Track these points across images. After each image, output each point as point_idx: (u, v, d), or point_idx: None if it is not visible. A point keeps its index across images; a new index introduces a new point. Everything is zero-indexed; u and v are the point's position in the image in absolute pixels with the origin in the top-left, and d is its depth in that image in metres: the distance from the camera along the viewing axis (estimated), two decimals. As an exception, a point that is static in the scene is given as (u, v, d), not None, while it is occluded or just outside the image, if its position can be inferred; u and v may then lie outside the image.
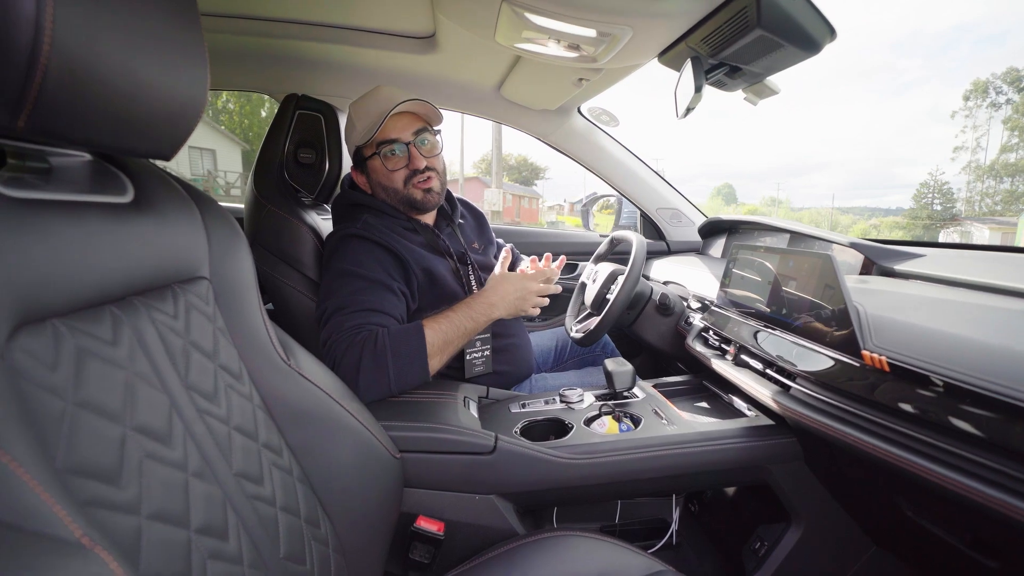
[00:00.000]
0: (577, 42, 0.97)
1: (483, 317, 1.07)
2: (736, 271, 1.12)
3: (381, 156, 1.12)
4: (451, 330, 1.03)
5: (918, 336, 0.69)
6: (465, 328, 1.05)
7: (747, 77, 0.99)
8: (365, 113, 1.12)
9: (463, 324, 1.05)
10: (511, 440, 0.91)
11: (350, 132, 1.16)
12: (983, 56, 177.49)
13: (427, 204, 1.18)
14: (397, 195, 1.16)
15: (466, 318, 1.05)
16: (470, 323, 1.06)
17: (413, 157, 1.14)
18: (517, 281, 1.12)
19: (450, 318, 1.04)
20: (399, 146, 1.12)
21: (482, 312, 1.08)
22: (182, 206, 0.62)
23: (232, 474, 0.55)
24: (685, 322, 1.36)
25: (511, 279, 1.12)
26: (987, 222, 34.59)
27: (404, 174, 1.14)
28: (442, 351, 1.02)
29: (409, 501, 0.89)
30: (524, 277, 1.13)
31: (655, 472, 0.93)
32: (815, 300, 0.85)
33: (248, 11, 1.20)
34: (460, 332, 1.04)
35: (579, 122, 1.69)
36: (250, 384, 0.65)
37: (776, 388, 0.91)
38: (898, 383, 0.68)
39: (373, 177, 1.17)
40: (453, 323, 1.03)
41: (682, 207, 1.84)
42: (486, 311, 1.08)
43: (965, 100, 44.77)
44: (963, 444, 0.60)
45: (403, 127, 1.12)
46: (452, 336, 1.03)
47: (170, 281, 0.57)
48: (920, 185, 43.54)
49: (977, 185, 43.70)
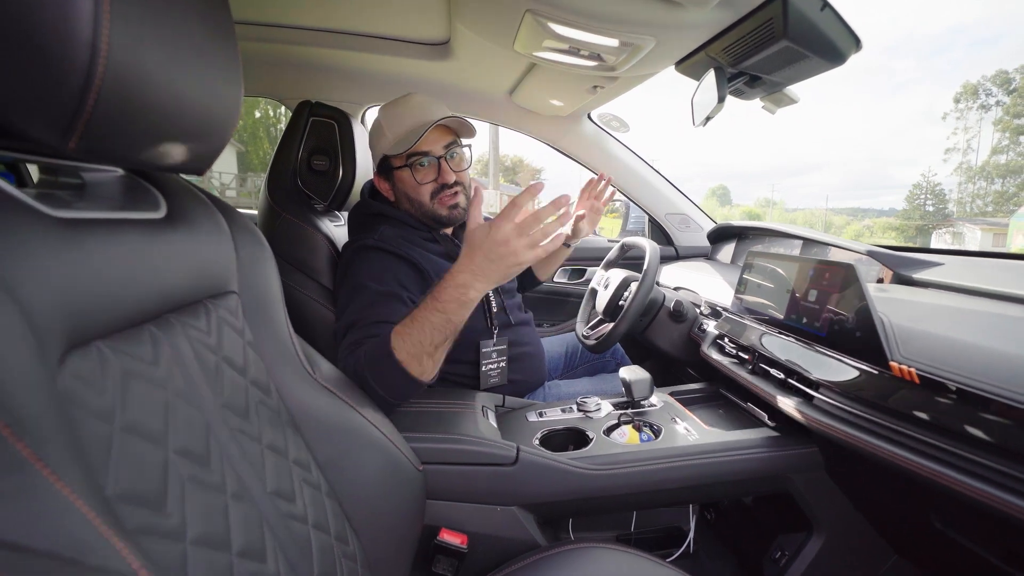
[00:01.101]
0: (599, 51, 0.97)
1: (454, 304, 0.84)
2: (751, 278, 1.12)
3: (412, 168, 1.11)
4: (416, 330, 0.86)
5: (946, 347, 0.69)
6: (433, 322, 0.85)
7: (767, 86, 0.99)
8: (397, 121, 1.11)
9: (429, 320, 0.85)
10: (533, 451, 0.90)
11: (378, 138, 1.14)
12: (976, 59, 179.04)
13: (452, 220, 1.17)
14: (422, 208, 1.15)
15: (432, 312, 0.85)
16: (438, 316, 0.85)
17: (443, 171, 1.13)
18: (483, 242, 0.81)
19: (414, 317, 0.87)
20: (429, 159, 1.11)
21: (451, 299, 0.84)
22: (212, 220, 0.61)
23: (267, 493, 0.54)
24: (698, 329, 1.36)
25: (474, 244, 0.82)
26: (978, 223, 34.89)
27: (432, 187, 1.13)
28: (418, 355, 0.86)
29: (431, 513, 0.88)
30: (490, 228, 0.80)
31: (676, 483, 0.93)
32: (837, 309, 0.84)
33: (264, 18, 1.19)
34: (429, 328, 0.85)
35: (589, 127, 1.69)
36: (278, 399, 0.64)
37: (799, 398, 0.90)
38: (928, 395, 0.68)
39: (399, 187, 1.15)
40: (417, 321, 0.86)
41: (691, 212, 1.84)
42: (455, 296, 0.84)
43: (956, 102, 45.23)
44: (998, 457, 0.60)
45: (435, 140, 1.11)
46: (421, 337, 0.85)
47: (202, 296, 0.56)
48: (913, 186, 43.90)
49: (968, 186, 44.12)
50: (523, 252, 0.79)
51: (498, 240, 0.79)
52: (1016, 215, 28.06)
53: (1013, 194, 41.77)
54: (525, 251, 0.79)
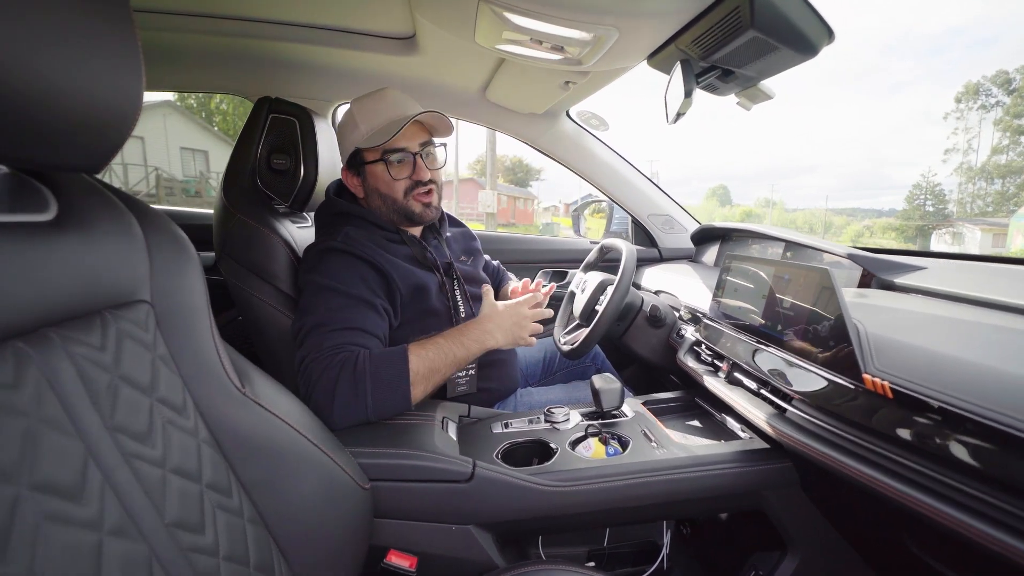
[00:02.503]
0: (561, 43, 0.92)
1: (476, 345, 1.00)
2: (729, 282, 1.07)
3: (387, 163, 1.08)
4: (439, 357, 0.96)
5: (923, 359, 0.64)
6: (455, 356, 0.98)
7: (740, 81, 0.94)
8: (373, 115, 1.07)
9: (453, 352, 0.98)
10: (490, 467, 0.85)
11: (349, 131, 1.10)
12: (976, 59, 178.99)
13: (424, 218, 1.14)
14: (395, 204, 1.11)
15: (457, 345, 0.98)
16: (461, 351, 0.98)
17: (418, 168, 1.10)
18: (512, 308, 1.06)
19: (439, 344, 0.97)
20: (405, 155, 1.08)
21: (475, 340, 1.00)
22: (117, 222, 0.56)
23: (164, 525, 0.49)
24: (677, 334, 1.31)
25: (505, 306, 1.06)
26: (979, 223, 34.80)
27: (406, 184, 1.10)
28: (427, 379, 0.94)
29: (380, 533, 0.83)
30: (517, 304, 1.07)
31: (643, 499, 0.88)
32: (812, 316, 0.79)
33: (221, 10, 1.14)
34: (449, 360, 0.97)
35: (568, 126, 1.64)
36: (196, 417, 0.59)
37: (771, 410, 0.86)
38: (902, 411, 0.63)
39: (370, 182, 1.12)
40: (442, 350, 0.97)
41: (674, 213, 1.79)
42: (480, 339, 1.01)
43: (957, 102, 45.10)
44: (972, 481, 0.55)
45: (411, 137, 1.08)
46: (439, 364, 0.96)
47: (99, 307, 0.51)
48: (913, 186, 43.80)
49: (968, 187, 44.00)
50: (529, 328, 1.07)
51: (522, 314, 1.06)
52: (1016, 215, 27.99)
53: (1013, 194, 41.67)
54: (529, 331, 1.07)
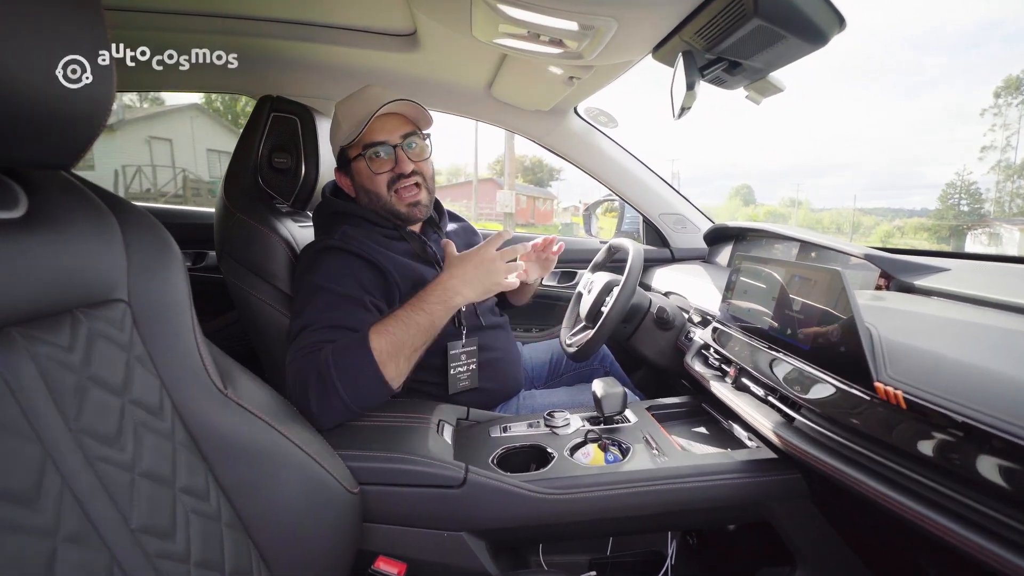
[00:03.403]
0: (559, 36, 0.89)
1: (440, 307, 0.92)
2: (739, 283, 1.03)
3: (366, 158, 1.06)
4: (400, 329, 0.89)
5: (941, 367, 0.60)
6: (419, 324, 0.90)
7: (748, 73, 0.90)
8: (352, 112, 1.06)
9: (416, 319, 0.90)
10: (483, 472, 0.83)
11: (335, 132, 1.10)
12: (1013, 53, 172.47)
13: (411, 218, 1.12)
14: (380, 200, 1.09)
15: (417, 312, 0.91)
16: (424, 317, 0.91)
17: (400, 160, 1.08)
18: (472, 254, 0.96)
19: (398, 317, 0.91)
20: (385, 148, 1.06)
21: (437, 300, 0.92)
22: (93, 219, 0.55)
23: (130, 530, 0.47)
24: (685, 337, 1.27)
25: (465, 256, 0.96)
26: (1017, 223, 33.46)
27: (388, 177, 1.08)
28: (396, 355, 0.88)
29: (370, 538, 0.81)
30: (478, 249, 0.96)
31: (643, 509, 0.85)
32: (823, 319, 0.75)
33: (223, 9, 1.14)
34: (415, 330, 0.90)
35: (576, 123, 1.60)
36: (173, 419, 0.58)
37: (778, 418, 0.81)
38: (917, 423, 0.59)
39: (357, 180, 1.11)
40: (402, 321, 0.90)
41: (687, 212, 1.74)
42: (442, 298, 0.92)
43: (996, 97, 43.41)
44: (999, 505, 0.51)
45: (391, 129, 1.06)
46: (404, 335, 0.89)
47: (70, 306, 0.51)
48: (946, 185, 42.36)
49: (1007, 185, 42.35)
50: (502, 272, 0.95)
51: (485, 257, 0.95)
52: (1058, 214, 26.82)
53: (1055, 193, 40.03)
54: (503, 273, 0.95)
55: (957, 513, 0.53)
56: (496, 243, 0.96)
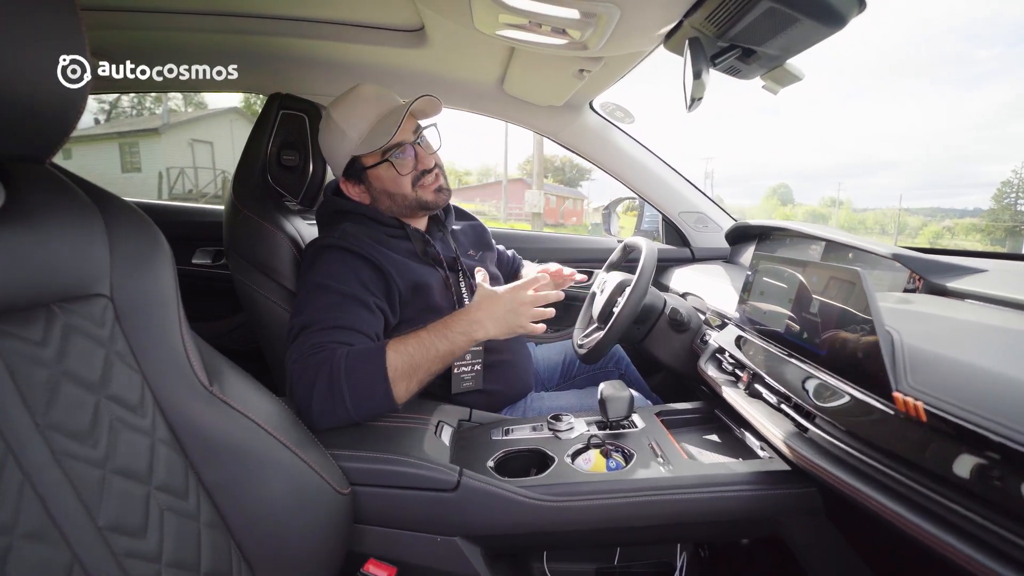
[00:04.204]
0: (561, 25, 0.86)
1: (463, 337, 0.91)
2: (756, 285, 0.97)
3: (392, 163, 1.05)
4: (420, 352, 0.88)
5: (969, 377, 0.54)
6: (439, 350, 0.89)
7: (763, 61, 0.85)
8: (357, 117, 1.04)
9: (437, 345, 0.89)
10: (478, 476, 0.80)
11: (338, 140, 1.06)
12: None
13: (439, 203, 1.12)
14: (406, 200, 1.09)
15: (440, 338, 0.90)
16: (444, 344, 0.90)
17: (420, 157, 1.08)
18: (506, 293, 0.94)
19: (420, 338, 0.90)
20: (405, 149, 1.06)
21: (462, 331, 0.91)
22: (74, 213, 0.55)
23: (96, 528, 0.47)
24: (701, 340, 1.21)
25: (499, 291, 0.95)
26: (1079, 224, 31.41)
27: (413, 176, 1.07)
28: (409, 376, 0.87)
29: (362, 539, 0.80)
30: (514, 288, 0.95)
31: (646, 520, 0.81)
32: (840, 322, 0.70)
33: (232, 8, 1.15)
34: (433, 355, 0.89)
35: (592, 119, 1.56)
36: (154, 416, 0.57)
37: (791, 428, 0.76)
38: (939, 438, 0.54)
39: (376, 185, 1.09)
40: (423, 344, 0.89)
41: (708, 210, 1.67)
42: (467, 330, 0.91)
43: (1055, 90, 40.86)
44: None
45: (405, 127, 1.04)
46: (421, 359, 0.88)
47: (46, 301, 0.50)
48: (1002, 184, 40.10)
49: (1068, 183, 39.85)
50: (528, 315, 0.93)
51: (519, 299, 0.93)
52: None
53: (1122, 191, 37.42)
54: (529, 314, 0.93)
55: (992, 546, 0.48)
56: (532, 286, 0.94)
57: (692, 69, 0.78)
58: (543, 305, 0.95)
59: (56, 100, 0.47)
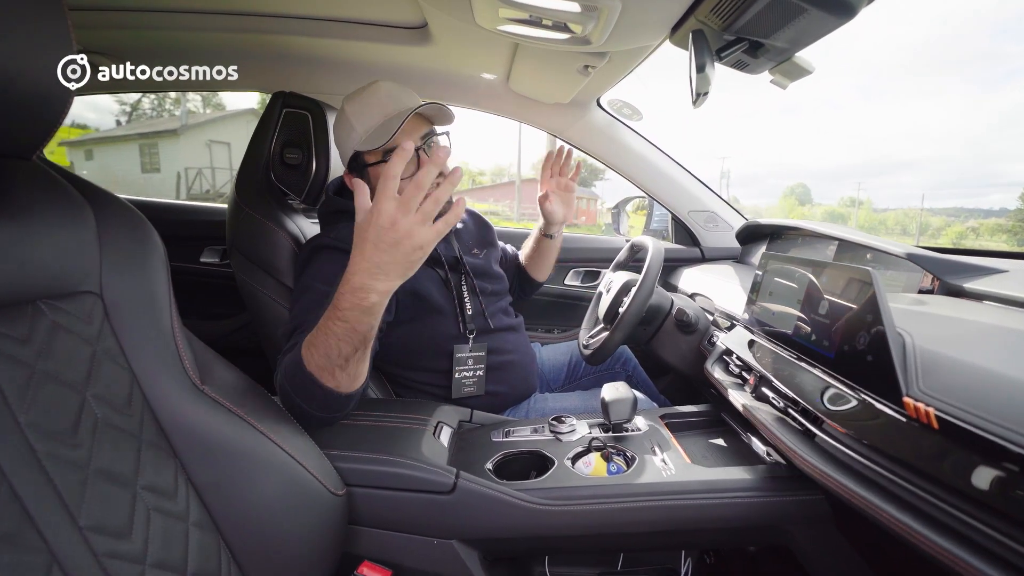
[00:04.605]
0: (562, 19, 0.84)
1: (356, 311, 0.70)
2: (764, 285, 0.95)
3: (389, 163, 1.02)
4: (322, 340, 0.74)
5: (986, 382, 0.52)
6: (337, 332, 0.72)
7: (772, 54, 0.82)
8: (367, 113, 1.02)
9: (332, 329, 0.72)
10: (474, 479, 0.79)
11: (346, 134, 1.04)
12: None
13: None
14: None
15: (335, 321, 0.72)
16: (340, 325, 0.72)
17: (422, 164, 1.03)
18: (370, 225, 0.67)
19: (319, 328, 0.75)
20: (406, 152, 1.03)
21: (349, 304, 0.70)
22: (66, 210, 0.54)
23: (78, 529, 0.46)
24: (708, 342, 1.19)
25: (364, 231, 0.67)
26: (1110, 224, 30.45)
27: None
28: (329, 366, 0.75)
29: (357, 541, 0.79)
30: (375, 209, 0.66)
31: (647, 525, 0.79)
32: (850, 324, 0.67)
33: (234, 7, 1.15)
34: (335, 338, 0.73)
35: (599, 116, 1.54)
36: (143, 414, 0.57)
37: (798, 433, 0.73)
38: (952, 447, 0.51)
39: (375, 184, 1.07)
40: (321, 331, 0.74)
41: (718, 209, 1.64)
42: (353, 301, 0.70)
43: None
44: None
45: (411, 131, 1.01)
46: (328, 347, 0.74)
47: (31, 298, 0.50)
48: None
49: (1099, 183, 38.63)
50: (418, 231, 0.66)
51: (383, 225, 0.65)
52: None
53: None
54: (419, 229, 0.66)
55: (1006, 561, 0.45)
56: (387, 191, 0.65)
57: (696, 63, 0.76)
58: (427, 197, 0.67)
59: (41, 97, 0.47)
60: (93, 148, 20.93)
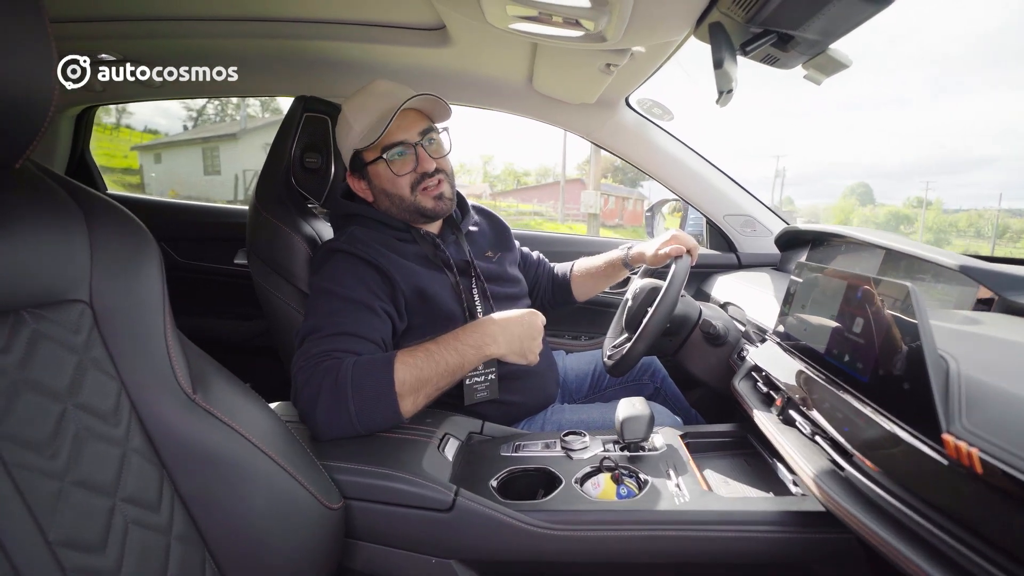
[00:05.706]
0: (572, 15, 0.79)
1: (472, 351, 0.88)
2: (799, 297, 0.87)
3: (387, 161, 1.02)
4: (429, 365, 0.85)
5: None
6: (448, 364, 0.86)
7: (803, 47, 0.75)
8: (363, 112, 1.02)
9: (446, 359, 0.86)
10: (474, 498, 0.76)
11: (345, 134, 1.05)
12: None
13: (438, 212, 1.06)
14: (404, 203, 1.05)
15: (449, 351, 0.87)
16: (454, 358, 0.87)
17: (421, 159, 1.03)
18: (528, 316, 0.95)
19: (429, 351, 0.86)
20: (405, 148, 1.02)
21: (472, 344, 0.89)
22: (54, 215, 0.54)
23: (46, 543, 0.46)
24: (738, 355, 1.11)
25: (520, 314, 0.95)
26: None
27: (411, 179, 1.03)
28: (417, 390, 0.84)
29: (354, 555, 0.77)
30: (533, 311, 0.96)
31: (656, 556, 0.73)
32: (886, 345, 0.60)
33: (255, 13, 1.17)
34: (443, 368, 0.86)
35: (628, 116, 1.48)
36: (129, 424, 0.57)
37: (825, 465, 0.67)
38: (997, 496, 0.44)
39: (376, 183, 1.07)
40: (432, 358, 0.86)
41: (756, 213, 1.55)
42: (479, 343, 0.89)
43: None
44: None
45: (408, 126, 1.01)
46: (430, 373, 0.85)
47: (15, 306, 0.50)
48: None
49: None
50: (533, 346, 0.94)
51: (533, 322, 0.94)
52: None
53: None
54: (534, 347, 0.95)
55: None
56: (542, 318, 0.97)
57: (715, 58, 0.70)
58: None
59: (21, 103, 0.47)
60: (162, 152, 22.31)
